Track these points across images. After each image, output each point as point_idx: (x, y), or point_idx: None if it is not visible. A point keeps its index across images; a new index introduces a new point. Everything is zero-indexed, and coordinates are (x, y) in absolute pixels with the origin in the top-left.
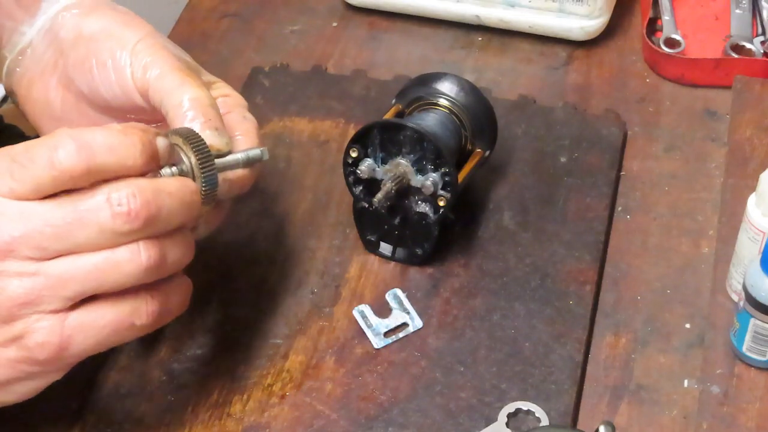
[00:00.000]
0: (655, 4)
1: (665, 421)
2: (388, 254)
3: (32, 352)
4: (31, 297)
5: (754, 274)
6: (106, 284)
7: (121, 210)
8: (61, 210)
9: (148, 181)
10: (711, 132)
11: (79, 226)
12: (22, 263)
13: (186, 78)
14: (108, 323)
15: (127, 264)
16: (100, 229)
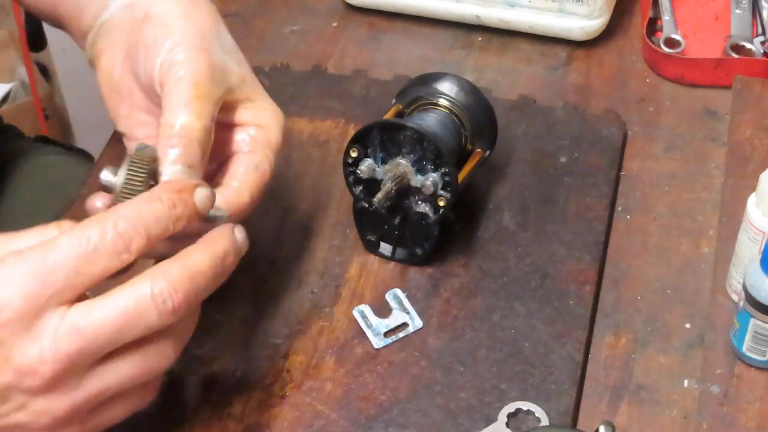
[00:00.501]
0: (655, 4)
1: (665, 421)
2: (388, 254)
3: None
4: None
5: (754, 274)
6: (134, 384)
7: (166, 308)
8: (111, 314)
9: (182, 268)
10: (711, 132)
11: (129, 329)
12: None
13: (193, 98)
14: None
15: (156, 360)
16: (146, 328)
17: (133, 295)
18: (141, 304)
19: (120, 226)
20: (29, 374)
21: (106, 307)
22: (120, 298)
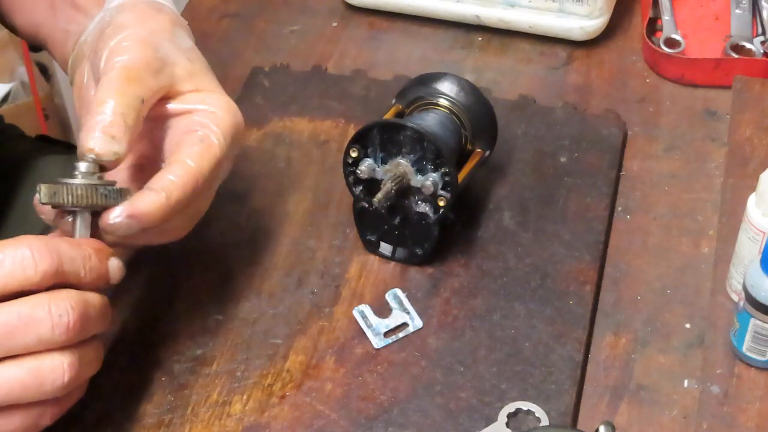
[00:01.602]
0: (655, 4)
1: (665, 421)
2: (388, 254)
3: None
4: None
5: (754, 274)
6: (26, 394)
7: (61, 322)
8: (5, 315)
9: (78, 293)
10: (711, 132)
11: (21, 334)
12: None
13: (122, 79)
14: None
15: (50, 374)
16: (39, 339)
17: (30, 302)
18: (36, 313)
19: (34, 246)
20: None
21: (2, 308)
22: (17, 304)
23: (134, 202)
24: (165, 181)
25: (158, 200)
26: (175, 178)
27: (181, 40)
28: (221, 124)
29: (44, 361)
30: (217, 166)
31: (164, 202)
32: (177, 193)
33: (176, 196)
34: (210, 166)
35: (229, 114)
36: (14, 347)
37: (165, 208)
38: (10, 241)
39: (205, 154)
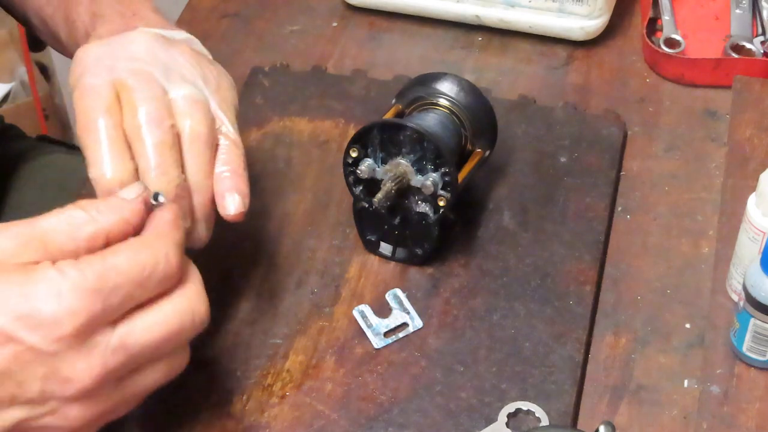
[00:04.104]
0: (655, 4)
1: (665, 421)
2: (388, 254)
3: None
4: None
5: (754, 274)
6: (172, 341)
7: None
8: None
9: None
10: (711, 132)
11: (170, 341)
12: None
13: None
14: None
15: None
16: (181, 340)
17: (174, 311)
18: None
19: (171, 257)
20: (71, 385)
21: (149, 323)
22: (161, 316)
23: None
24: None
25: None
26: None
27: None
28: (230, 116)
29: (177, 358)
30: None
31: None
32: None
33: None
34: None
35: (231, 92)
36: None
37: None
38: (140, 248)
39: (239, 152)
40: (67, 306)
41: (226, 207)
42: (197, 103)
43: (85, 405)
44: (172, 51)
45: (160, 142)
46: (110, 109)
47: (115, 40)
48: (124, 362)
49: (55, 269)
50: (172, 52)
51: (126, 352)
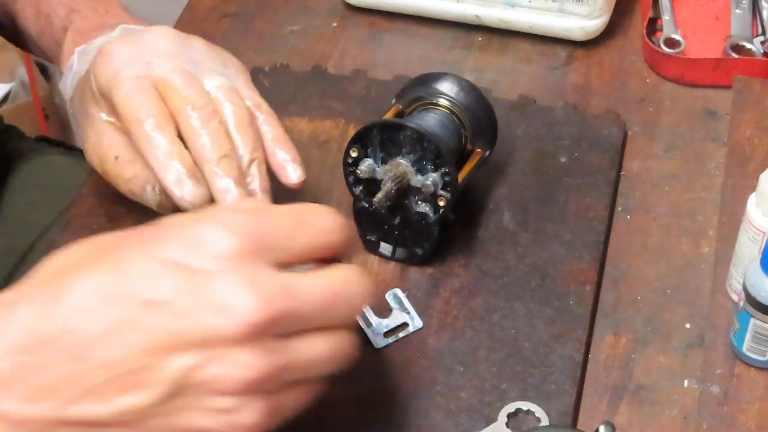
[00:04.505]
0: (655, 4)
1: (665, 421)
2: (388, 254)
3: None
4: (263, 379)
5: (754, 274)
6: (327, 368)
7: (365, 299)
8: (328, 283)
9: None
10: (711, 132)
11: (332, 307)
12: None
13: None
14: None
15: (348, 349)
16: (350, 309)
17: (342, 276)
18: (352, 288)
19: (330, 214)
20: (233, 318)
21: (314, 280)
22: (328, 277)
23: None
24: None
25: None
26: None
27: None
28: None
29: (345, 337)
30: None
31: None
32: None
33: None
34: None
35: (247, 73)
36: (323, 319)
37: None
38: (314, 205)
39: (278, 123)
40: (229, 229)
41: (289, 176)
42: (231, 89)
43: (252, 351)
44: (192, 44)
45: (216, 135)
46: (161, 109)
47: (138, 37)
48: (289, 309)
49: (218, 212)
50: (193, 45)
51: (292, 298)
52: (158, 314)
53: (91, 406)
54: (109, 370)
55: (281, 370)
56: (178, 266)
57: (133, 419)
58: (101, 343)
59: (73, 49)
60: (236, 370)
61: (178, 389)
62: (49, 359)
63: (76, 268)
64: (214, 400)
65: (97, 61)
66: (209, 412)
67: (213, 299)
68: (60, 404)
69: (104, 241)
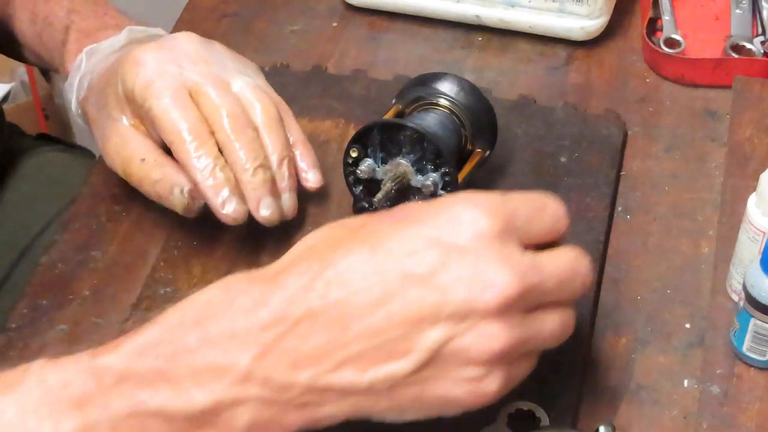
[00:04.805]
0: (655, 4)
1: (665, 421)
2: None
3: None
4: (505, 351)
5: (754, 274)
6: (549, 344)
7: (587, 279)
8: (563, 264)
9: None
10: (711, 132)
11: (567, 284)
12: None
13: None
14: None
15: (568, 329)
16: (582, 285)
17: (574, 256)
18: (581, 266)
19: (553, 200)
20: (492, 291)
21: (553, 258)
22: (564, 257)
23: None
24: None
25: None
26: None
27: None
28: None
29: (571, 313)
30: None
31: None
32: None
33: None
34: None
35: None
36: (560, 296)
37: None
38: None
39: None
40: (484, 210)
41: (310, 180)
42: (257, 88)
43: (502, 324)
44: (214, 48)
45: (251, 146)
46: (201, 122)
47: (167, 44)
48: (536, 284)
49: (472, 195)
50: (215, 49)
51: (538, 273)
52: (419, 287)
53: (349, 374)
54: (370, 340)
55: (523, 342)
56: (437, 243)
57: (388, 388)
58: (365, 314)
59: (79, 48)
60: (487, 342)
61: (432, 359)
62: (312, 329)
63: (335, 246)
64: (464, 370)
65: (128, 68)
66: (458, 382)
67: (471, 274)
68: (320, 372)
69: (353, 224)
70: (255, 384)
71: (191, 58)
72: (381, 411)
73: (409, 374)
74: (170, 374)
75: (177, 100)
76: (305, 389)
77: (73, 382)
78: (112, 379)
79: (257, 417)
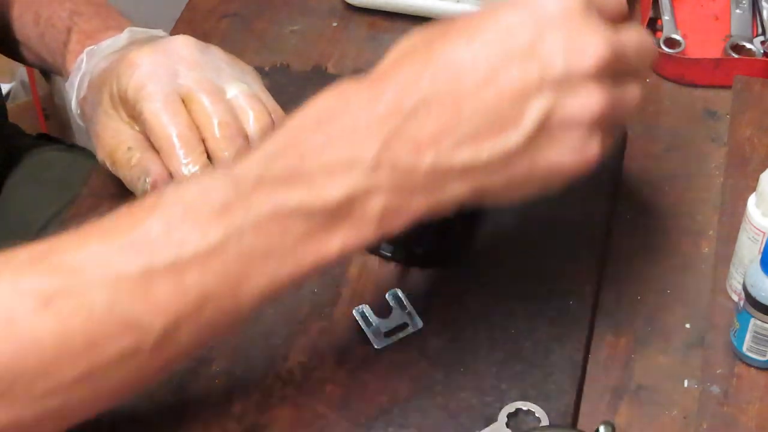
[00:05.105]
0: (655, 4)
1: (665, 421)
2: (388, 254)
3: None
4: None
5: (754, 274)
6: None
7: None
8: (638, 36)
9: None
10: (711, 132)
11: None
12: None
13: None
14: None
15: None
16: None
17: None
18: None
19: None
20: (587, 55)
21: (629, 31)
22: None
23: None
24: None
25: None
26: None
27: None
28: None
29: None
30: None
31: None
32: None
33: None
34: None
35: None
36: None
37: None
38: None
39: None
40: None
41: None
42: (251, 96)
43: (599, 87)
44: (211, 52)
45: (238, 146)
46: (191, 128)
47: (162, 47)
48: (622, 51)
49: None
50: (212, 53)
51: (620, 45)
52: (521, 62)
53: (468, 152)
54: (482, 117)
55: (615, 107)
56: (529, 21)
57: (503, 162)
58: (474, 94)
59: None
60: (588, 104)
61: (541, 128)
62: (428, 115)
63: (432, 43)
64: (569, 135)
65: (123, 69)
66: (564, 148)
67: (567, 44)
68: (441, 154)
69: (441, 26)
70: (383, 171)
71: (187, 62)
72: (497, 188)
73: (521, 145)
74: (303, 173)
75: (168, 105)
76: (429, 172)
77: (212, 193)
78: (249, 185)
79: (388, 204)
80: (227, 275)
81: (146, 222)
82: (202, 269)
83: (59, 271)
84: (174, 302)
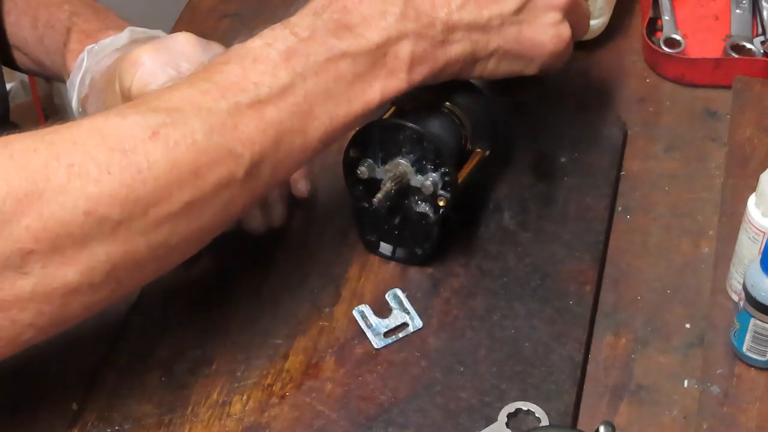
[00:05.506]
0: (655, 4)
1: (665, 421)
2: (388, 254)
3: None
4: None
5: (754, 274)
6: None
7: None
8: None
9: None
10: (711, 132)
11: None
12: None
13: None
14: None
15: None
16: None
17: None
18: None
19: None
20: None
21: None
22: None
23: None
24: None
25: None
26: None
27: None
28: None
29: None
30: None
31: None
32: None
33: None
34: None
35: None
36: None
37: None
38: None
39: None
40: None
41: (299, 189)
42: None
43: None
44: (213, 48)
45: None
46: None
47: (164, 45)
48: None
49: None
50: (213, 50)
51: None
52: None
53: (472, 12)
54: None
55: (576, 2)
56: None
57: (498, 24)
58: None
59: (80, 47)
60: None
61: (526, 3)
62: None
63: None
64: (548, 15)
65: (126, 67)
66: (544, 26)
67: None
68: (452, 10)
69: None
70: (410, 20)
71: (189, 59)
72: (491, 49)
73: (513, 12)
74: (348, 23)
75: None
76: (443, 26)
77: (276, 43)
78: (305, 33)
79: (415, 49)
80: (297, 113)
81: (224, 70)
82: (277, 107)
83: (159, 110)
84: (258, 136)
